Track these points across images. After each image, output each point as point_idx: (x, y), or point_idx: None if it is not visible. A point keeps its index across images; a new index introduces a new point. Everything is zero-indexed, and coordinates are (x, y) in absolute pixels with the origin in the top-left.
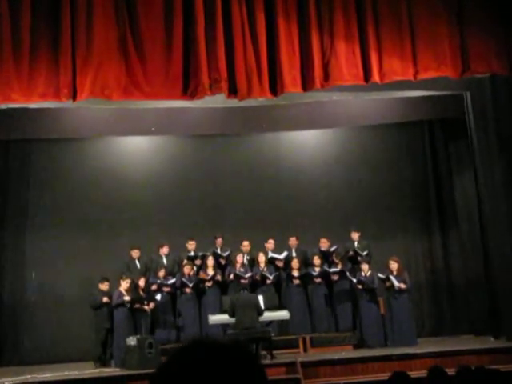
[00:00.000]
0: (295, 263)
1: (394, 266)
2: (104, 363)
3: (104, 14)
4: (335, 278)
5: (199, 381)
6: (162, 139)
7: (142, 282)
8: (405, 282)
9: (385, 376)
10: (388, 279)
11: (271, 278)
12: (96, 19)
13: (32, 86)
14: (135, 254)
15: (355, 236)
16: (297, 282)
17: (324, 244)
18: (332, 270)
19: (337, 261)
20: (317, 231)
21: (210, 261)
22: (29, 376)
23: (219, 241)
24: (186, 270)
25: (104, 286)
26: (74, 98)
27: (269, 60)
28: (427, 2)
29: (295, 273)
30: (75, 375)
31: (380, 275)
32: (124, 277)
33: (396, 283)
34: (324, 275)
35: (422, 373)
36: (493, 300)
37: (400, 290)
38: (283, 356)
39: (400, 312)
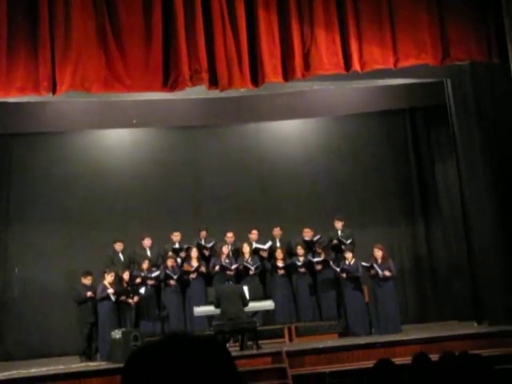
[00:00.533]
0: (279, 253)
1: (378, 253)
2: (89, 357)
3: (82, 5)
4: (319, 267)
5: (168, 373)
6: (144, 131)
7: (126, 276)
8: (389, 270)
9: (370, 363)
10: (372, 267)
11: (253, 269)
12: (74, 11)
13: (10, 79)
14: (118, 246)
15: (338, 225)
16: (281, 272)
17: (307, 234)
18: (315, 259)
19: (319, 251)
20: (300, 221)
21: (194, 252)
22: (14, 372)
23: (203, 233)
24: (170, 262)
25: (87, 280)
26: (54, 91)
27: (249, 50)
28: None
29: (280, 263)
30: (61, 370)
31: (364, 264)
32: (108, 270)
33: (380, 271)
34: (308, 265)
35: (407, 359)
36: (475, 286)
37: (384, 278)
38: (269, 346)
39: (385, 300)
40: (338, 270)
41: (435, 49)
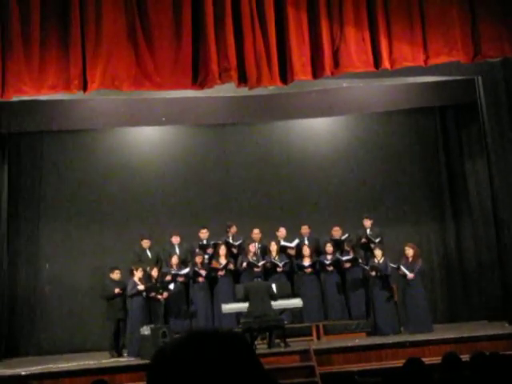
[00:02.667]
0: (306, 251)
1: (409, 251)
2: (117, 353)
3: (113, 4)
4: (347, 265)
5: (195, 371)
6: (173, 129)
7: (154, 272)
8: (417, 269)
9: (399, 363)
10: (399, 268)
11: (281, 265)
12: (105, 9)
13: (42, 77)
14: (146, 244)
15: (367, 223)
16: (308, 270)
17: (336, 232)
18: (345, 257)
19: (348, 249)
20: (329, 219)
21: (222, 250)
22: (45, 366)
23: (232, 230)
24: (198, 259)
25: (115, 275)
26: (85, 89)
27: (278, 48)
28: None
29: (306, 261)
30: (91, 365)
31: (392, 265)
32: (136, 267)
33: (408, 273)
34: (337, 263)
35: (437, 359)
36: (507, 285)
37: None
38: (297, 344)
39: (415, 299)
40: (367, 267)
41: (466, 46)
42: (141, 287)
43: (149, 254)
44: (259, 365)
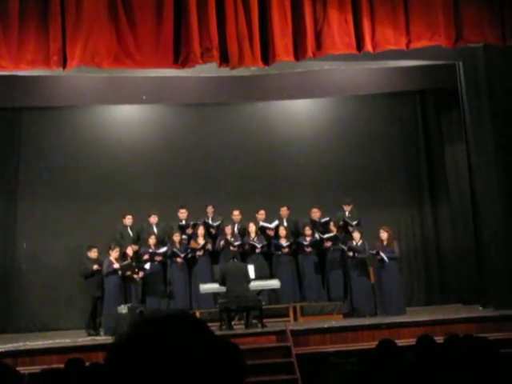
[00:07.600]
0: (282, 232)
1: (383, 235)
2: (94, 332)
3: None
4: (328, 244)
5: (154, 352)
6: (153, 108)
7: (129, 251)
8: (392, 252)
9: (374, 344)
10: (378, 254)
11: (259, 246)
12: None
13: (21, 52)
14: (128, 220)
15: (347, 207)
16: (285, 250)
17: (315, 214)
18: (326, 235)
19: (332, 228)
20: (308, 201)
21: (201, 230)
22: (21, 343)
23: (210, 209)
24: (176, 237)
25: (92, 254)
26: (64, 65)
27: (261, 28)
28: None
29: (283, 241)
30: (67, 343)
31: (370, 251)
32: (112, 246)
33: (385, 258)
34: (315, 244)
35: (411, 341)
36: (481, 270)
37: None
38: (273, 324)
39: (388, 282)
40: (346, 248)
41: (448, 30)
42: (116, 266)
43: (130, 231)
44: (210, 336)
